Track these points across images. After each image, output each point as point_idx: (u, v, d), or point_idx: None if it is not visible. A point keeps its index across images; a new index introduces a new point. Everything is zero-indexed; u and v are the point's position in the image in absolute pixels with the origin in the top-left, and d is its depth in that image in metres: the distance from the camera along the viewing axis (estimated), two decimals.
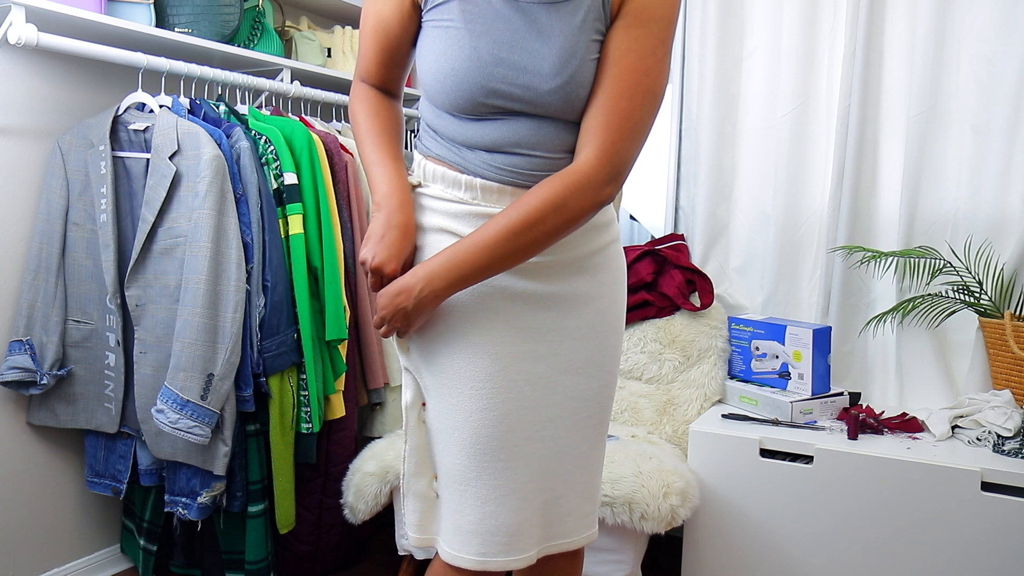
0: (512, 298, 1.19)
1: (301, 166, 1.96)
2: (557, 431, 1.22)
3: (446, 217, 1.21)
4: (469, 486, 1.19)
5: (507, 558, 1.19)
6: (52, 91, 1.93)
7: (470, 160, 1.20)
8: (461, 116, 1.19)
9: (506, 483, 1.19)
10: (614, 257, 1.29)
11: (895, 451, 1.80)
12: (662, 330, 2.26)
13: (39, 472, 1.97)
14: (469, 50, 1.16)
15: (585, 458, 1.27)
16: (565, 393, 1.23)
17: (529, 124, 1.18)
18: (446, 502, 1.22)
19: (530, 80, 1.15)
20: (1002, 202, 2.08)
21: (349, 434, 2.13)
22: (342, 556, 2.18)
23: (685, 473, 1.86)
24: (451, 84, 1.17)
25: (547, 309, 1.21)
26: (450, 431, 1.20)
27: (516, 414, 1.19)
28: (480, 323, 1.18)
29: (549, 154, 1.19)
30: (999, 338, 1.95)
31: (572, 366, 1.23)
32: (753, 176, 2.39)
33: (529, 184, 1.18)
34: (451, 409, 1.19)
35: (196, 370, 1.75)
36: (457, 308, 1.18)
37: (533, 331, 1.20)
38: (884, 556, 1.77)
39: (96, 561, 2.11)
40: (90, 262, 1.88)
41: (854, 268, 2.22)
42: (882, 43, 2.20)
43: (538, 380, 1.21)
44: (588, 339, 1.25)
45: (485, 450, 1.18)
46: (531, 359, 1.20)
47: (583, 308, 1.24)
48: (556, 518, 1.25)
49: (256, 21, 2.21)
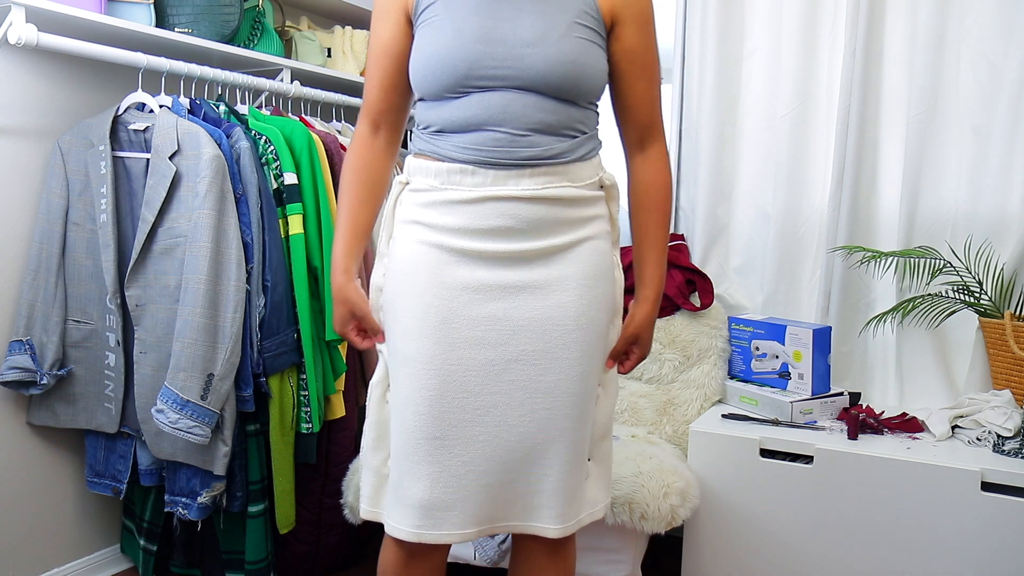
0: (465, 288, 1.26)
1: (301, 166, 1.96)
2: (505, 418, 1.27)
3: (416, 207, 1.30)
4: (409, 461, 1.26)
5: (441, 532, 1.26)
6: (52, 91, 1.93)
7: (441, 146, 1.28)
8: (445, 98, 1.27)
9: (442, 461, 1.25)
10: (591, 253, 1.31)
11: (895, 451, 1.80)
12: (662, 330, 2.26)
13: (39, 472, 1.97)
14: (452, 32, 1.25)
15: (542, 449, 1.29)
16: (514, 382, 1.27)
17: (504, 97, 1.24)
18: (392, 477, 1.31)
19: (511, 49, 1.24)
20: (1002, 202, 2.08)
21: (349, 434, 2.13)
22: (342, 556, 2.18)
23: (685, 473, 1.86)
24: (436, 64, 1.25)
25: (499, 299, 1.26)
26: (399, 409, 1.29)
27: (456, 397, 1.25)
28: (430, 310, 1.26)
29: (514, 131, 1.25)
30: (999, 338, 1.95)
31: (523, 356, 1.27)
32: (753, 176, 2.39)
33: (491, 163, 1.25)
34: (400, 389, 1.29)
35: (196, 370, 1.75)
36: (413, 295, 1.27)
37: (482, 320, 1.26)
38: (884, 556, 1.77)
39: (96, 561, 2.11)
40: (90, 262, 1.88)
41: (854, 268, 2.22)
42: (882, 43, 2.20)
43: (483, 367, 1.26)
44: (543, 331, 1.27)
45: (423, 429, 1.25)
46: (477, 346, 1.26)
47: (542, 300, 1.27)
48: (502, 502, 1.29)
49: (256, 21, 2.21)
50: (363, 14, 2.59)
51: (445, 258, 1.26)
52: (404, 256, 1.30)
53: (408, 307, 1.28)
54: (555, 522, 1.30)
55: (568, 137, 1.28)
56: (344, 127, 2.39)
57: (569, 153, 1.28)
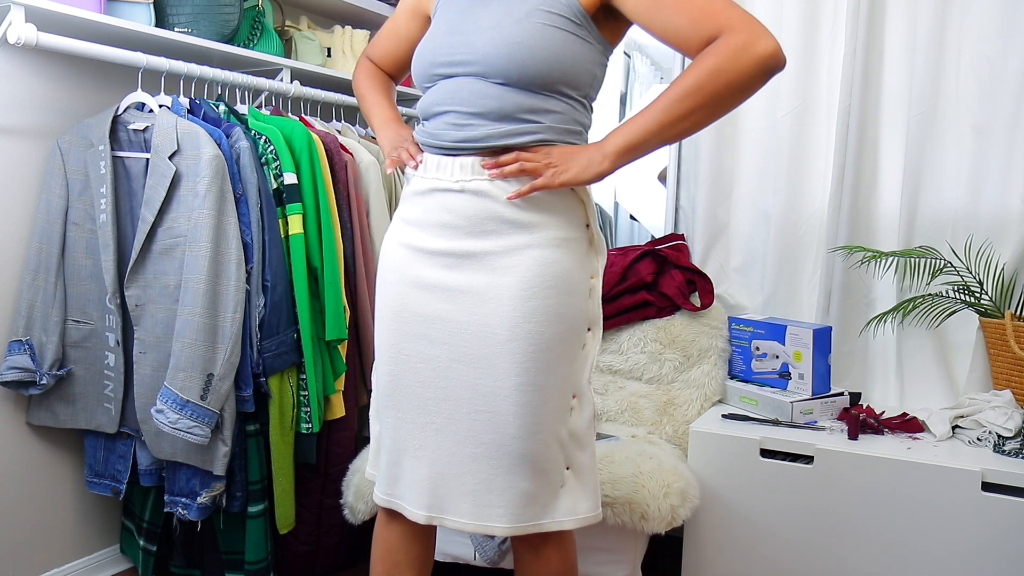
0: (417, 285, 1.34)
1: (301, 166, 1.96)
2: (452, 413, 1.31)
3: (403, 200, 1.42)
4: (378, 421, 1.43)
5: (400, 503, 1.37)
6: (52, 91, 1.93)
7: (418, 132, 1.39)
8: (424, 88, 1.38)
9: (395, 434, 1.37)
10: (533, 263, 1.26)
11: (895, 451, 1.80)
12: (662, 330, 2.26)
13: (39, 472, 1.97)
14: (436, 27, 1.37)
15: (491, 450, 1.28)
16: (459, 380, 1.31)
17: (457, 83, 1.29)
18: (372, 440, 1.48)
19: (467, 36, 1.29)
20: (1003, 202, 2.08)
21: (349, 434, 2.13)
22: (342, 556, 2.18)
23: (685, 473, 1.86)
24: (416, 57, 1.38)
25: (443, 300, 1.31)
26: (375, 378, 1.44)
27: (411, 385, 1.35)
28: (390, 304, 1.38)
29: (460, 115, 1.27)
30: (999, 338, 1.95)
31: (464, 357, 1.30)
32: (753, 176, 2.39)
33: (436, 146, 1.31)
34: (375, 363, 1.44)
35: (196, 370, 1.75)
36: (382, 288, 1.41)
37: (428, 317, 1.33)
38: (884, 556, 1.77)
39: (96, 561, 2.11)
40: (90, 262, 1.88)
41: (854, 268, 2.22)
42: (882, 43, 2.20)
43: (432, 361, 1.33)
44: (478, 336, 1.28)
45: (382, 401, 1.40)
46: (424, 342, 1.33)
47: (478, 307, 1.28)
48: (454, 496, 1.32)
49: (256, 21, 2.21)
50: (363, 14, 2.59)
51: (406, 255, 1.37)
52: (384, 249, 1.43)
53: (378, 298, 1.43)
54: (503, 521, 1.29)
55: (509, 123, 1.24)
56: (344, 127, 2.39)
57: (503, 138, 1.24)
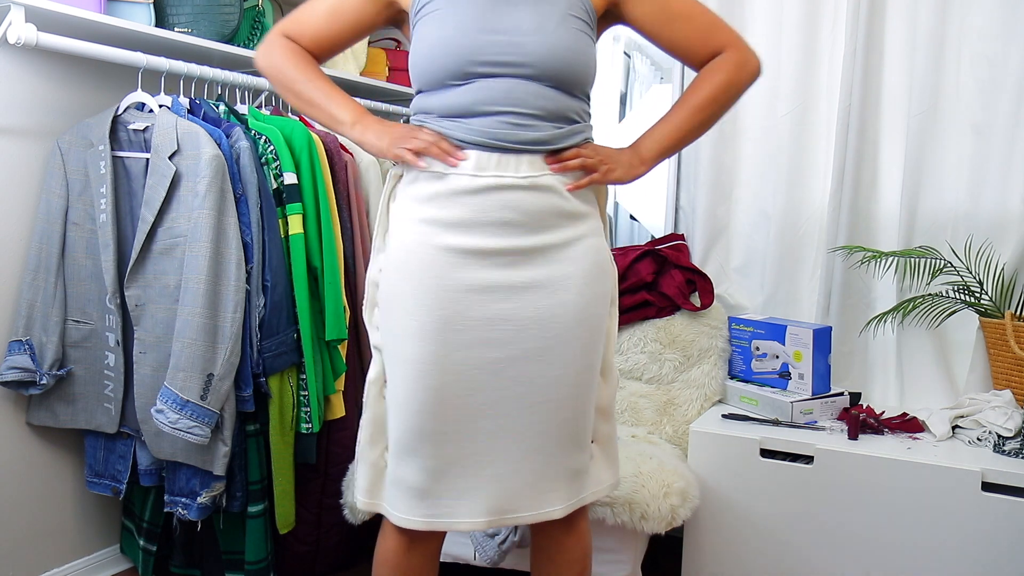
0: (470, 289, 1.28)
1: (301, 166, 1.96)
2: (509, 411, 1.31)
3: (416, 203, 1.31)
4: (414, 456, 1.30)
5: (451, 520, 1.32)
6: (52, 91, 1.93)
7: (447, 127, 1.29)
8: (447, 86, 1.29)
9: (450, 453, 1.30)
10: (590, 251, 1.35)
11: (895, 451, 1.80)
12: (662, 330, 2.26)
13: (39, 472, 1.97)
14: (454, 21, 1.28)
15: (546, 439, 1.33)
16: (515, 378, 1.30)
17: (507, 83, 1.28)
18: (393, 470, 1.33)
19: (512, 37, 1.27)
20: (1003, 202, 2.08)
21: (349, 434, 2.12)
22: (342, 556, 2.18)
23: (685, 473, 1.86)
24: (440, 53, 1.28)
25: (505, 300, 1.29)
26: (397, 407, 1.31)
27: (459, 395, 1.29)
28: (432, 312, 1.27)
29: (517, 116, 1.28)
30: (1000, 338, 1.95)
31: (526, 353, 1.30)
32: (753, 176, 2.38)
33: (494, 146, 1.28)
34: (397, 388, 1.31)
35: (196, 370, 1.75)
36: (413, 295, 1.29)
37: (488, 320, 1.28)
38: (884, 556, 1.77)
39: (96, 561, 2.11)
40: (90, 262, 1.88)
41: (854, 268, 2.22)
42: (882, 43, 2.20)
43: (488, 365, 1.29)
44: (546, 328, 1.31)
45: (425, 425, 1.29)
46: (482, 346, 1.28)
47: (545, 299, 1.30)
48: (512, 493, 1.33)
49: (256, 21, 2.21)
50: None
51: (450, 259, 1.28)
52: (403, 256, 1.31)
53: (408, 308, 1.29)
54: (559, 503, 1.36)
55: (565, 124, 1.32)
56: None
57: (564, 139, 1.32)
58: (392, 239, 1.34)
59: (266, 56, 1.40)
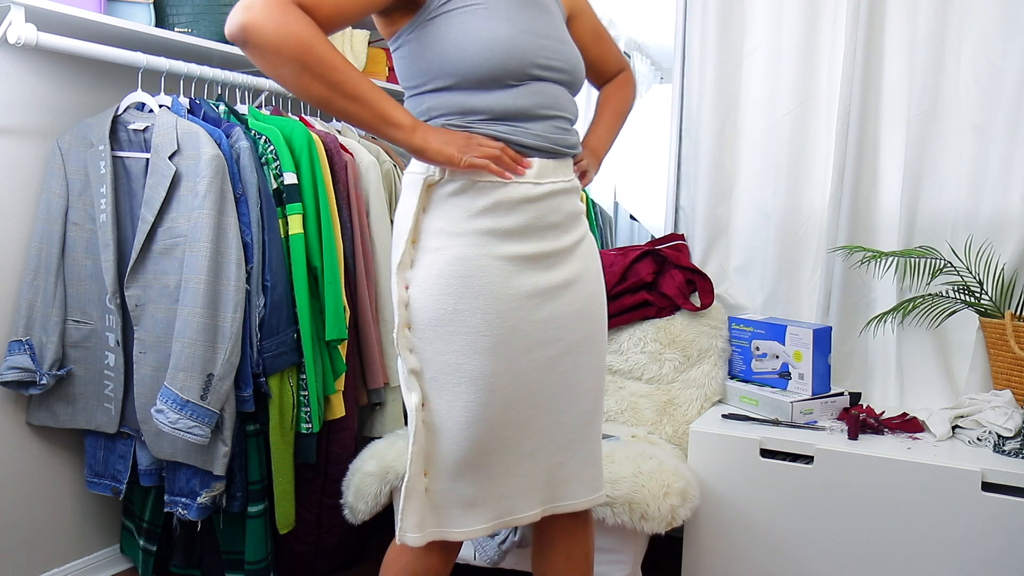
0: (528, 295, 1.28)
1: (301, 166, 1.96)
2: (559, 405, 1.34)
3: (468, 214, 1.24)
4: (477, 470, 1.28)
5: (513, 517, 1.34)
6: (52, 91, 1.93)
7: (506, 132, 1.26)
8: (505, 86, 1.24)
9: (512, 457, 1.31)
10: (592, 247, 1.43)
11: (895, 451, 1.80)
12: (662, 330, 2.26)
13: (39, 472, 1.97)
14: (504, 21, 1.24)
15: (585, 427, 1.39)
16: (565, 372, 1.34)
17: (554, 88, 1.31)
18: (450, 490, 1.29)
19: (555, 44, 1.30)
20: (1003, 202, 2.08)
21: (349, 434, 2.13)
22: (342, 556, 2.18)
23: (685, 473, 1.86)
24: (501, 49, 1.21)
25: (552, 299, 1.31)
26: (464, 425, 1.26)
27: (521, 399, 1.30)
28: (498, 323, 1.25)
29: (564, 121, 1.34)
30: (999, 338, 1.95)
31: (572, 347, 1.35)
32: (753, 176, 2.38)
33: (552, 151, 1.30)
34: (464, 406, 1.25)
35: (196, 370, 1.75)
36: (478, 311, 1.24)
37: (541, 323, 1.30)
38: (884, 556, 1.77)
39: (96, 561, 2.11)
40: (90, 262, 1.88)
41: (854, 268, 2.22)
42: (882, 43, 2.20)
43: (543, 364, 1.31)
44: (584, 319, 1.37)
45: (493, 435, 1.28)
46: (538, 347, 1.30)
47: (577, 292, 1.35)
48: (560, 482, 1.37)
49: None
50: None
51: (508, 268, 1.26)
52: (462, 271, 1.23)
53: (476, 325, 1.24)
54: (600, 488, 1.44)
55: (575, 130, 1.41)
56: (344, 127, 2.39)
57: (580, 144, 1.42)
58: (436, 254, 1.24)
59: (282, 25, 1.07)
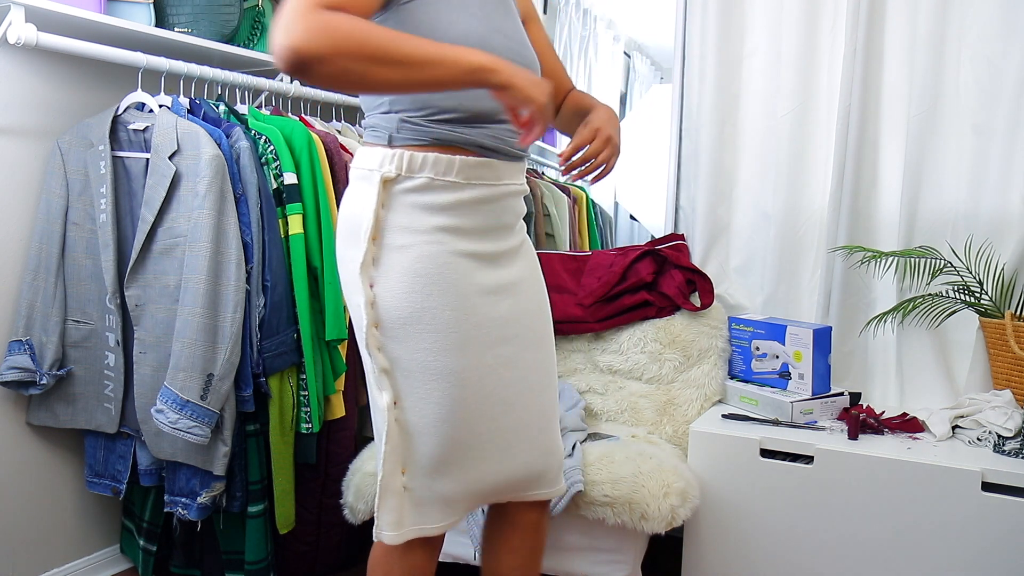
0: (486, 291, 1.29)
1: (301, 166, 1.96)
2: (525, 401, 1.36)
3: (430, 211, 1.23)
4: (454, 467, 1.28)
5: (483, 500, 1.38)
6: (52, 91, 1.93)
7: (468, 134, 1.24)
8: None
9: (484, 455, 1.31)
10: (531, 246, 1.45)
11: (895, 451, 1.80)
12: (662, 330, 2.26)
13: (39, 472, 1.97)
14: (481, 21, 1.23)
15: (550, 420, 1.42)
16: (527, 367, 1.36)
17: None
18: (427, 488, 1.28)
19: (528, 56, 1.31)
20: (1003, 202, 2.08)
21: (349, 434, 2.13)
22: (342, 556, 2.18)
23: (685, 473, 1.86)
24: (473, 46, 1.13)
25: (507, 296, 1.32)
26: (437, 422, 1.25)
27: (490, 397, 1.30)
28: (466, 319, 1.26)
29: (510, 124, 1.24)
30: (1000, 338, 1.95)
31: (530, 344, 1.37)
32: (753, 176, 2.38)
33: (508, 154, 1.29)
34: (437, 403, 1.25)
35: (196, 370, 1.75)
36: (446, 307, 1.24)
37: (501, 319, 1.31)
38: (884, 556, 1.77)
39: (96, 561, 2.11)
40: (90, 262, 1.88)
41: (854, 268, 2.22)
42: (882, 43, 2.20)
43: (507, 360, 1.32)
44: (536, 317, 1.40)
45: (467, 431, 1.28)
46: (501, 343, 1.31)
47: (527, 291, 1.38)
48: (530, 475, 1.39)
49: (256, 21, 2.21)
50: None
51: (467, 265, 1.26)
52: (427, 268, 1.22)
53: (445, 321, 1.23)
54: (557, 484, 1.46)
55: None
56: (344, 127, 2.39)
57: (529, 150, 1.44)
58: (401, 252, 1.22)
59: (321, 33, 0.99)
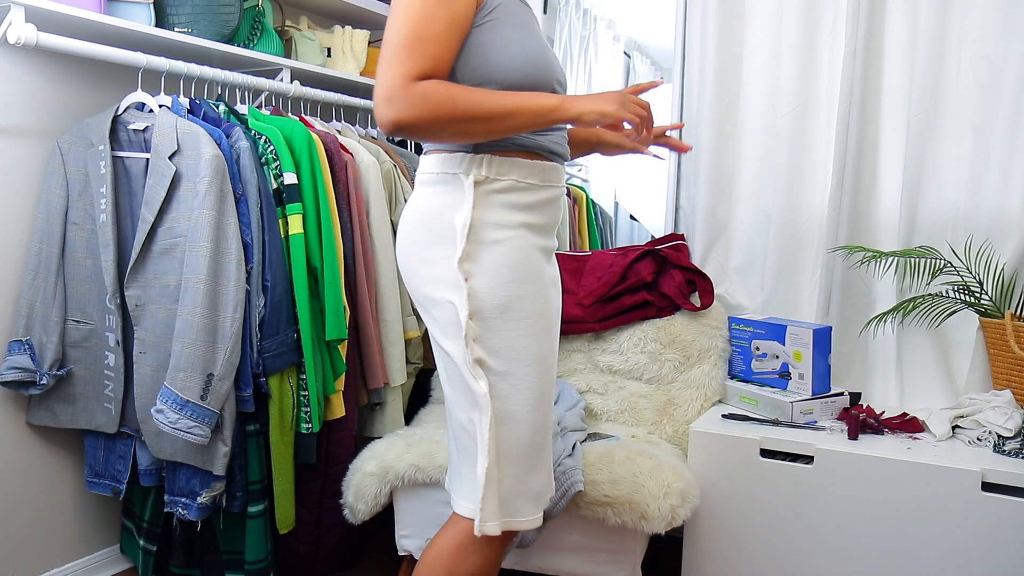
0: (551, 284, 1.40)
1: (301, 166, 1.96)
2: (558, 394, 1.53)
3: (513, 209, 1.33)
4: (544, 452, 1.34)
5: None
6: (52, 91, 1.93)
7: (544, 142, 1.37)
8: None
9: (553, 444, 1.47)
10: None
11: (895, 451, 1.80)
12: (662, 330, 2.26)
13: (39, 472, 1.97)
14: (539, 40, 1.36)
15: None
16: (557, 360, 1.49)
17: None
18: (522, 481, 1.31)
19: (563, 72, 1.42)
20: (1003, 202, 2.08)
21: (349, 434, 2.13)
22: (342, 556, 2.18)
23: (685, 473, 1.86)
24: (544, 63, 1.32)
25: (557, 290, 1.45)
26: (527, 407, 1.30)
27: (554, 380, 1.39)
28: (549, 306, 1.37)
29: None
30: (1000, 338, 1.95)
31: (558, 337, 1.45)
32: (753, 176, 2.38)
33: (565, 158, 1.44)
34: (529, 388, 1.30)
35: (196, 370, 1.75)
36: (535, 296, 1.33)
37: (556, 311, 1.43)
38: (884, 556, 1.77)
39: (96, 561, 2.11)
40: (90, 262, 1.88)
41: (854, 268, 2.22)
42: (882, 43, 2.20)
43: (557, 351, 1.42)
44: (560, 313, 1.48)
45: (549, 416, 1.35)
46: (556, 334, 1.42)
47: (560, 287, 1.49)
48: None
49: (256, 21, 2.21)
50: (363, 14, 2.59)
51: (542, 258, 1.39)
52: (517, 260, 1.31)
53: (532, 309, 1.32)
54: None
55: None
56: (344, 127, 2.39)
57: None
58: (497, 246, 1.30)
59: (419, 104, 1.17)
